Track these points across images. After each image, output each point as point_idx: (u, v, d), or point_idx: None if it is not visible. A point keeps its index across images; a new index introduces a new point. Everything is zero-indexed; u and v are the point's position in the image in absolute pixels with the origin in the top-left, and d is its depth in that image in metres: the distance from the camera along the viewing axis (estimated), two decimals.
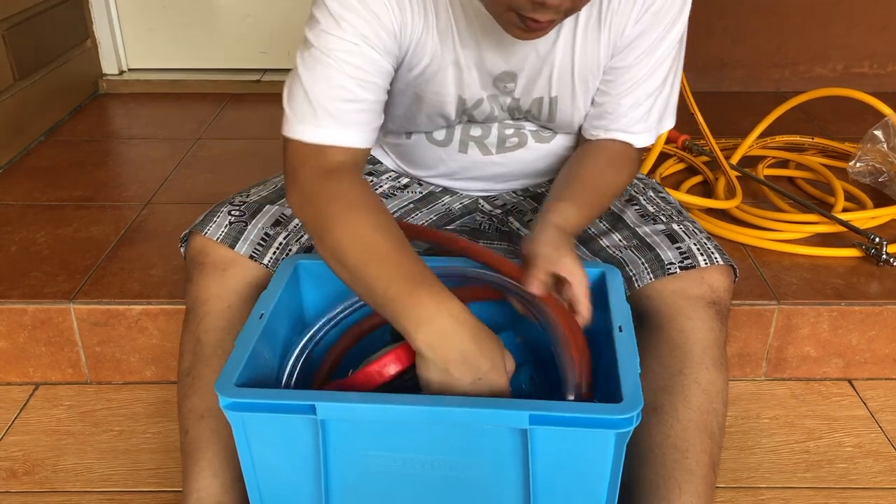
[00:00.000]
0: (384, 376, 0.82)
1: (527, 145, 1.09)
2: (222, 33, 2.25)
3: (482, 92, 1.01)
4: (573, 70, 0.99)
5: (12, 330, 1.31)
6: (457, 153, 1.10)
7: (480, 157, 1.10)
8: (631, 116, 1.02)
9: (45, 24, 1.96)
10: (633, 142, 1.04)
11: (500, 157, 1.10)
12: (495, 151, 1.10)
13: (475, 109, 1.03)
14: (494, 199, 1.19)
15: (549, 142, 1.10)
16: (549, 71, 0.99)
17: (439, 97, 1.00)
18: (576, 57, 0.98)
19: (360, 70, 0.89)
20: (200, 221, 1.04)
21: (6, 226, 1.54)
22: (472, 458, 0.79)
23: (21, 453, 1.20)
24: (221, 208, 1.05)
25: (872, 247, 1.39)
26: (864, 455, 1.20)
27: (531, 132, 1.09)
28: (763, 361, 1.35)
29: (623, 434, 0.75)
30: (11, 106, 1.83)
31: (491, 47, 0.96)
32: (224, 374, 0.80)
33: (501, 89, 1.01)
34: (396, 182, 1.19)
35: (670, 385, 0.94)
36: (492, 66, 0.98)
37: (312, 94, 0.88)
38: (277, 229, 1.03)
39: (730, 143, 1.80)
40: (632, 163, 1.05)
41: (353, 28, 0.87)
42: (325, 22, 0.88)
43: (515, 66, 0.98)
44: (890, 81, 2.23)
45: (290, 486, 0.84)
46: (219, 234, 1.01)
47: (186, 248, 1.06)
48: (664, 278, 0.98)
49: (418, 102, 1.02)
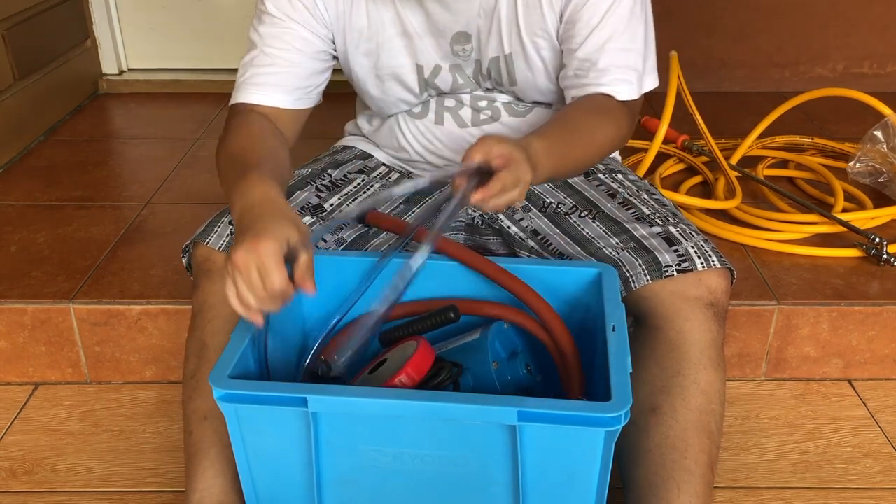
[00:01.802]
0: None
1: (500, 119, 1.14)
2: (222, 33, 2.26)
3: (440, 60, 1.08)
4: (519, 24, 1.04)
5: (12, 330, 1.31)
6: (433, 125, 1.15)
7: (457, 129, 1.14)
8: (601, 68, 1.03)
9: (45, 24, 1.96)
10: (613, 93, 1.04)
11: (475, 129, 1.14)
12: (470, 124, 1.14)
13: (436, 77, 1.09)
14: None
15: (523, 116, 1.13)
16: (497, 27, 1.05)
17: (395, 70, 1.08)
18: (519, 10, 1.03)
19: (279, 40, 1.05)
20: (202, 231, 1.05)
21: (6, 226, 1.54)
22: (462, 453, 0.80)
23: (21, 453, 1.20)
24: (222, 218, 1.05)
25: (872, 247, 1.39)
26: (864, 455, 1.20)
27: (504, 104, 1.13)
28: (763, 362, 1.35)
29: (612, 432, 0.76)
30: (11, 106, 1.83)
31: (436, 5, 1.03)
32: (218, 367, 0.80)
33: (461, 55, 1.06)
34: (387, 180, 1.20)
35: (669, 386, 0.94)
36: (443, 26, 1.04)
37: (242, 65, 1.09)
38: None
39: (730, 143, 1.80)
40: (618, 114, 1.04)
41: (277, 7, 1.05)
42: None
43: (466, 26, 1.05)
44: (890, 81, 2.23)
45: (282, 479, 0.85)
46: (220, 244, 1.02)
47: (190, 257, 1.07)
48: (661, 280, 0.98)
49: (380, 83, 1.10)
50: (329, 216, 1.09)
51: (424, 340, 0.89)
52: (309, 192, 1.13)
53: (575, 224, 1.10)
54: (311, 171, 1.17)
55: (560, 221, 1.11)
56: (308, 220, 1.07)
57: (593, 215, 1.10)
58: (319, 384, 0.88)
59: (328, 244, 1.07)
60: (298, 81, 1.07)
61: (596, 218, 1.09)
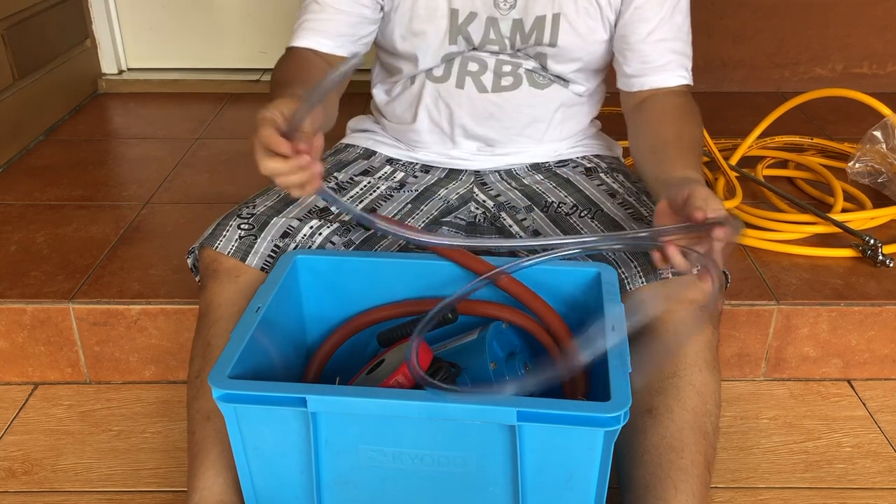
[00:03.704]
0: None
1: (521, 87, 1.15)
2: (222, 33, 2.25)
3: (479, 8, 1.10)
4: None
5: (11, 330, 1.31)
6: (454, 88, 1.16)
7: (476, 93, 1.15)
8: (663, 61, 1.11)
9: (44, 23, 1.96)
10: (677, 83, 1.12)
11: (494, 95, 1.15)
12: (490, 89, 1.15)
13: (469, 25, 1.10)
14: (489, 189, 1.20)
15: (542, 88, 1.15)
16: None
17: (431, 12, 1.10)
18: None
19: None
20: (210, 235, 1.05)
21: (6, 225, 1.54)
22: (462, 453, 0.80)
23: (20, 453, 1.20)
24: (230, 221, 1.05)
25: (868, 248, 1.39)
26: (863, 455, 1.20)
27: (527, 73, 1.14)
28: (762, 362, 1.35)
29: (611, 432, 0.76)
30: (11, 105, 1.83)
31: None
32: (218, 366, 0.80)
33: (501, 7, 1.09)
34: (391, 181, 1.20)
35: (665, 387, 0.94)
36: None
37: (299, 13, 1.14)
38: (286, 241, 1.04)
39: (730, 143, 1.80)
40: (693, 105, 1.12)
41: None
42: None
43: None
44: (889, 82, 2.23)
45: (282, 478, 0.85)
46: (229, 248, 1.03)
47: (195, 259, 1.07)
48: (657, 282, 0.98)
49: (409, 32, 1.12)
50: (336, 219, 1.10)
51: (422, 341, 0.89)
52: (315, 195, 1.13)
53: (575, 224, 1.10)
54: None
55: (560, 221, 1.11)
56: (315, 222, 1.07)
57: (593, 214, 1.10)
58: (319, 384, 0.87)
59: (337, 246, 1.07)
60: (345, 28, 1.13)
61: (595, 217, 1.10)
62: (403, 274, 1.00)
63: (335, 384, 0.93)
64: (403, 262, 1.00)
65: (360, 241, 1.10)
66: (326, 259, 1.01)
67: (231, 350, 0.83)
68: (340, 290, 1.01)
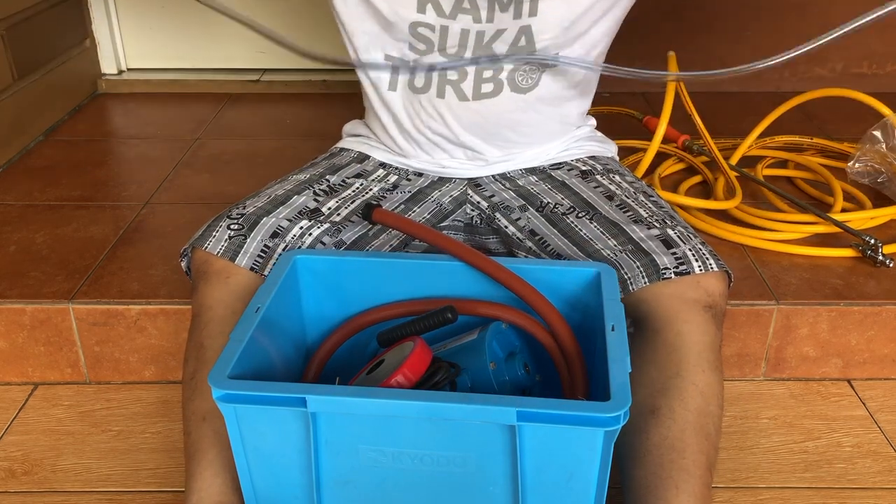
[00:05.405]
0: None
1: (502, 93, 1.13)
2: (221, 33, 2.25)
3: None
4: None
5: (11, 330, 1.31)
6: (435, 98, 1.14)
7: (457, 101, 1.14)
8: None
9: (44, 23, 1.96)
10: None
11: (476, 103, 1.14)
12: (471, 97, 1.14)
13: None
14: (482, 190, 1.20)
15: (525, 92, 1.13)
16: None
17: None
18: None
19: None
20: (200, 236, 1.05)
21: (5, 225, 1.54)
22: (461, 453, 0.80)
23: (20, 453, 1.20)
24: (220, 222, 1.06)
25: (868, 248, 1.39)
26: (863, 455, 1.20)
27: (508, 78, 1.12)
28: (762, 361, 1.35)
29: (611, 432, 0.75)
30: (11, 106, 1.83)
31: None
32: (217, 366, 0.80)
33: None
34: (385, 182, 1.20)
35: (667, 387, 0.94)
36: None
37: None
38: (276, 241, 1.04)
39: (729, 143, 1.80)
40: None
41: None
42: None
43: None
44: (889, 81, 2.22)
45: (282, 479, 0.85)
46: (219, 248, 1.03)
47: (189, 261, 1.07)
48: (660, 283, 0.98)
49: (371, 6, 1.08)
50: (327, 219, 1.10)
51: (422, 341, 0.89)
52: (307, 196, 1.13)
53: (572, 225, 1.10)
54: (308, 177, 1.18)
55: (557, 221, 1.11)
56: (305, 223, 1.07)
57: (590, 216, 1.10)
58: (319, 385, 0.87)
59: (327, 246, 1.07)
60: None
61: (593, 219, 1.09)
62: (403, 274, 1.00)
63: (335, 384, 0.93)
64: (404, 263, 1.00)
65: (351, 241, 1.10)
66: (326, 259, 1.01)
67: (231, 350, 0.83)
68: (340, 290, 1.01)
